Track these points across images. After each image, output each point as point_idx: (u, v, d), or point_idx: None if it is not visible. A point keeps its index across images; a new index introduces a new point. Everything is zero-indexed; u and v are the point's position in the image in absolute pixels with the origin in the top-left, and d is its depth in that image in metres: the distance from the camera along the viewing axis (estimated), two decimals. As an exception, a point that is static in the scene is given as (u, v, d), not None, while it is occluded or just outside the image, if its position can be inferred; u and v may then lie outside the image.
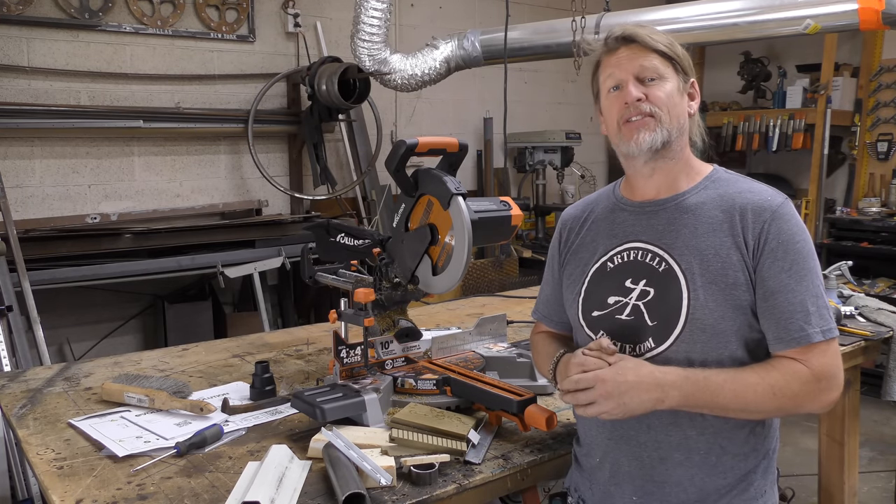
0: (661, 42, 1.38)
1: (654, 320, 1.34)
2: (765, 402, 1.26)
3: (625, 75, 1.38)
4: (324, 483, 1.34)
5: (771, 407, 1.27)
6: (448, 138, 1.64)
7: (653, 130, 1.36)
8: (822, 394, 1.27)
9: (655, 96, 1.36)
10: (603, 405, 1.26)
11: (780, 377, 1.26)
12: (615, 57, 1.40)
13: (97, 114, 3.82)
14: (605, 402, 1.26)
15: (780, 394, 1.25)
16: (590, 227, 1.51)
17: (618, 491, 1.39)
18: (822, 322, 1.28)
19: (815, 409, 1.30)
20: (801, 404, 1.28)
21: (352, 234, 1.90)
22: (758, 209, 1.32)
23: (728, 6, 3.12)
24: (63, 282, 3.40)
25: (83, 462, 1.45)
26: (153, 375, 1.92)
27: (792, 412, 1.30)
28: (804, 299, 1.28)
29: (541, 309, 1.66)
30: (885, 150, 5.28)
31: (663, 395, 1.25)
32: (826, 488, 2.64)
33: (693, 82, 1.42)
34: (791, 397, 1.26)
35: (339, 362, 1.69)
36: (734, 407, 1.27)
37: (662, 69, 1.37)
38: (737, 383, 1.26)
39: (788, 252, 1.29)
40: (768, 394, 1.25)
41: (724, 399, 1.25)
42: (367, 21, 3.76)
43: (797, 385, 1.26)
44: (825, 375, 1.27)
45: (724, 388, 1.25)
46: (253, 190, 4.46)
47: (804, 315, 1.27)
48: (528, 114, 5.63)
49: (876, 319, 2.50)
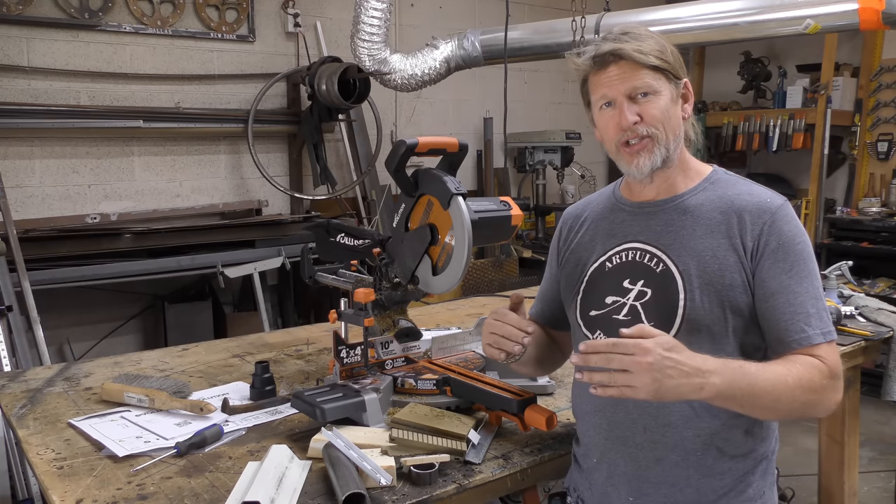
0: (652, 53, 1.32)
1: (651, 320, 1.33)
2: (795, 394, 1.21)
3: (617, 95, 1.34)
4: (324, 483, 1.34)
5: (799, 400, 1.22)
6: (448, 138, 1.64)
7: (651, 153, 1.34)
8: (836, 392, 1.26)
9: (650, 115, 1.33)
10: (638, 378, 1.11)
11: (804, 370, 1.23)
12: (605, 75, 1.34)
13: (97, 114, 3.82)
14: (643, 374, 1.11)
15: (807, 386, 1.22)
16: (589, 227, 1.51)
17: (615, 492, 1.39)
18: (822, 324, 1.28)
19: (829, 407, 1.27)
20: (821, 400, 1.25)
21: (352, 234, 1.90)
22: (757, 211, 1.32)
23: (728, 6, 3.12)
24: (63, 282, 3.40)
25: (83, 462, 1.46)
26: (153, 375, 1.93)
27: (810, 411, 1.26)
28: (804, 301, 1.28)
29: (536, 307, 1.66)
30: (885, 150, 5.28)
31: (704, 381, 1.15)
32: (826, 488, 2.64)
33: (685, 83, 1.39)
34: (814, 391, 1.23)
35: (339, 362, 1.69)
36: (766, 400, 1.20)
37: (655, 84, 1.33)
38: (769, 373, 1.21)
39: (789, 254, 1.29)
40: (797, 386, 1.21)
41: (761, 389, 1.19)
42: (367, 21, 3.76)
43: (819, 378, 1.24)
44: (836, 373, 1.26)
45: (760, 376, 1.20)
46: (253, 190, 4.46)
47: (805, 317, 1.27)
48: (528, 114, 5.64)
49: (876, 319, 2.50)
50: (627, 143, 1.35)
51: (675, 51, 1.37)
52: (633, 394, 1.13)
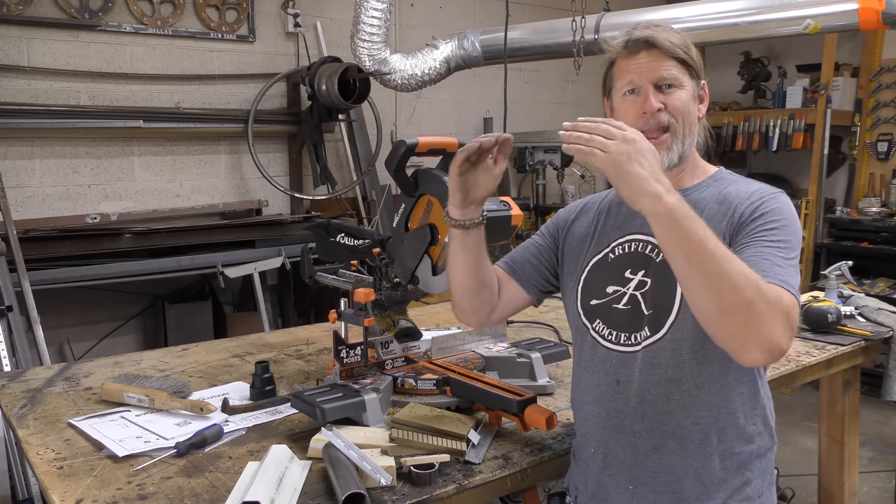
0: (680, 46, 1.38)
1: (650, 309, 1.35)
2: (743, 283, 1.11)
3: (644, 82, 1.37)
4: (324, 483, 1.34)
5: (745, 294, 1.11)
6: (448, 138, 1.64)
7: (669, 149, 1.36)
8: (776, 319, 1.13)
9: (674, 106, 1.36)
10: (615, 148, 1.12)
11: (762, 280, 1.14)
12: (634, 62, 1.38)
13: (97, 114, 3.82)
14: (621, 145, 1.12)
15: (749, 281, 1.12)
16: (593, 218, 1.53)
17: (612, 481, 1.40)
18: (784, 275, 1.19)
19: (764, 332, 1.13)
20: (766, 314, 1.12)
21: (352, 234, 1.90)
22: (748, 198, 1.33)
23: (728, 6, 3.12)
24: (63, 282, 3.40)
25: (83, 462, 1.46)
26: (153, 375, 1.93)
27: (754, 324, 1.12)
28: (773, 256, 1.21)
29: (507, 258, 1.64)
30: (885, 150, 5.28)
31: (663, 190, 1.12)
32: (826, 488, 2.64)
33: (704, 84, 1.43)
34: (765, 299, 1.12)
35: (339, 362, 1.69)
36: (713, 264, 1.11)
37: (680, 76, 1.37)
38: (720, 245, 1.14)
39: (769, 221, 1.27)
40: (742, 273, 1.12)
41: (710, 245, 1.12)
42: (367, 21, 3.76)
43: (772, 293, 1.14)
44: (786, 309, 1.14)
45: (710, 236, 1.13)
46: (253, 190, 4.46)
47: (768, 265, 1.20)
48: (528, 114, 5.63)
49: (876, 319, 2.50)
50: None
51: (697, 52, 1.41)
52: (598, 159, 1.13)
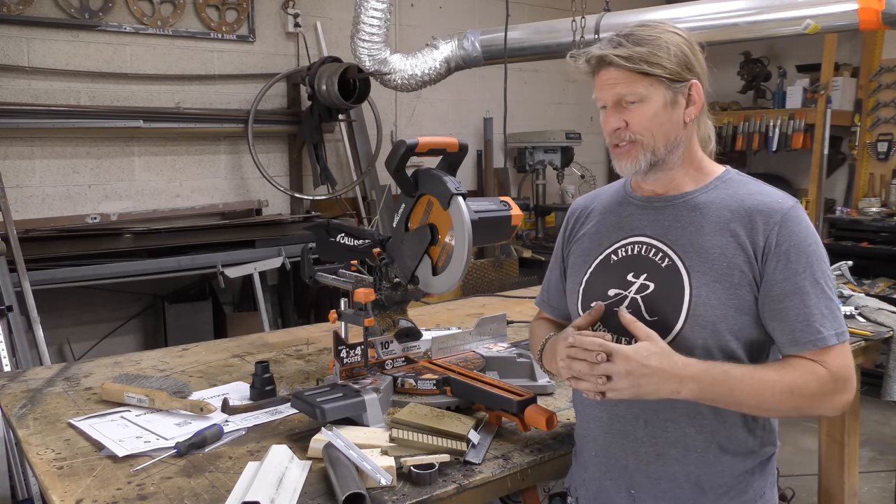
0: (644, 59, 1.30)
1: (653, 315, 1.34)
2: (782, 401, 1.25)
3: (607, 100, 1.36)
4: (324, 483, 1.34)
5: (787, 406, 1.26)
6: (448, 138, 1.64)
7: (635, 158, 1.36)
8: (838, 395, 1.27)
9: (635, 122, 1.34)
10: (618, 383, 1.22)
11: (799, 377, 1.25)
12: (599, 79, 1.37)
13: (97, 114, 3.82)
14: (622, 380, 1.22)
15: (798, 393, 1.25)
16: (597, 219, 1.52)
17: (613, 486, 1.40)
18: (836, 325, 1.28)
19: (830, 410, 1.29)
20: (817, 405, 1.28)
21: (352, 234, 1.90)
22: (767, 212, 1.31)
23: (728, 6, 3.12)
24: (63, 282, 3.40)
25: (83, 462, 1.46)
26: (153, 375, 1.93)
27: (807, 412, 1.29)
28: (818, 302, 1.28)
29: (542, 295, 1.68)
30: (885, 150, 5.28)
31: (681, 386, 1.23)
32: (826, 488, 2.64)
33: (691, 84, 1.34)
34: (808, 397, 1.26)
35: (339, 362, 1.69)
36: (750, 403, 1.26)
37: (642, 90, 1.31)
38: (755, 380, 1.25)
39: (801, 255, 1.29)
40: (786, 392, 1.24)
41: (741, 395, 1.24)
42: (367, 21, 3.77)
43: (815, 385, 1.26)
44: (842, 377, 1.27)
45: (743, 383, 1.24)
46: (253, 190, 4.46)
47: (819, 318, 1.27)
48: (528, 114, 5.63)
49: (876, 319, 2.50)
50: (617, 145, 1.38)
51: (685, 51, 1.33)
52: (614, 395, 1.24)
